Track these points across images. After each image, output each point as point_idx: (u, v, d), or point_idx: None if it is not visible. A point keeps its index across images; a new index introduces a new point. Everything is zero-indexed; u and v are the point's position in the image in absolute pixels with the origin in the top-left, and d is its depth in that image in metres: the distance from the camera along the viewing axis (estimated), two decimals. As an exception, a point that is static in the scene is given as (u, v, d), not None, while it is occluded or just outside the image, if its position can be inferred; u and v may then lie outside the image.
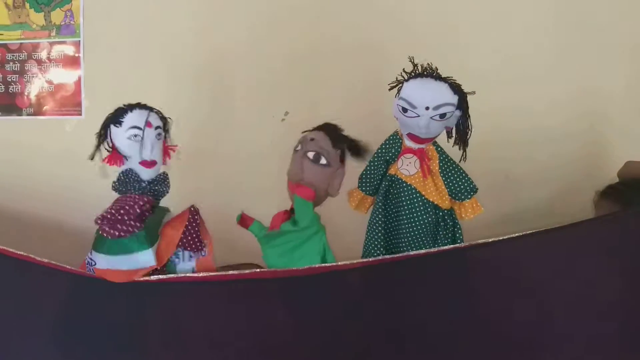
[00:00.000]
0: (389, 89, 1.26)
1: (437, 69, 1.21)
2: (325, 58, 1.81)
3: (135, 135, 1.21)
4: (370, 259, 1.21)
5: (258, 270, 1.18)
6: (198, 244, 1.23)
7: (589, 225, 1.24)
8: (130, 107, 1.24)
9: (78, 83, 1.89)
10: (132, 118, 1.22)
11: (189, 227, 1.22)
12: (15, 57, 1.91)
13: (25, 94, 1.91)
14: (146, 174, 1.23)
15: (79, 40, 1.88)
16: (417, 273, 1.17)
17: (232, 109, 1.84)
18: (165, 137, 1.29)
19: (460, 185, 1.23)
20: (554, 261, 1.17)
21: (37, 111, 1.91)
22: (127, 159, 1.23)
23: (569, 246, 1.18)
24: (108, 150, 1.24)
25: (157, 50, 1.85)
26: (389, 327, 1.13)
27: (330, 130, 1.24)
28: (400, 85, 1.23)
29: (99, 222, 1.14)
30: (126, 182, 1.22)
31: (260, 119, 1.83)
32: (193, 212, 1.24)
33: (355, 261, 1.21)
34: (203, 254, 1.24)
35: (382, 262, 1.18)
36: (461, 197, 1.24)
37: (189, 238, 1.22)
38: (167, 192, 1.28)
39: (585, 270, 1.17)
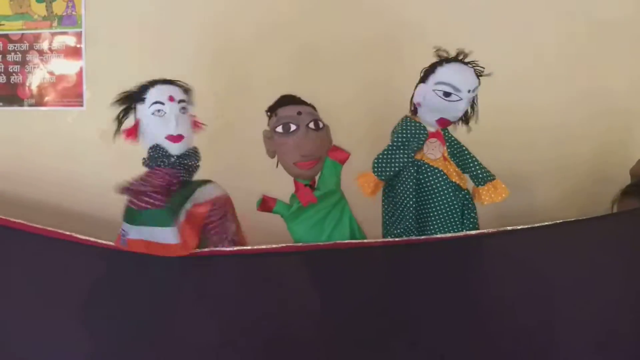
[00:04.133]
0: (422, 73, 1.28)
1: (465, 53, 1.26)
2: (328, 49, 1.81)
3: (159, 111, 1.23)
4: (405, 239, 1.23)
5: (283, 245, 1.19)
6: (221, 234, 1.22)
7: (613, 219, 1.28)
8: (152, 83, 1.26)
9: (80, 74, 1.88)
10: (154, 93, 1.24)
11: (211, 215, 1.21)
12: (17, 48, 1.90)
13: (27, 84, 1.91)
14: (174, 148, 1.23)
15: (81, 31, 1.87)
16: (442, 256, 1.19)
17: (234, 101, 1.84)
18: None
19: (472, 170, 1.28)
20: (577, 253, 1.20)
21: (39, 102, 1.91)
22: (147, 136, 1.24)
23: (593, 239, 1.22)
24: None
25: (159, 41, 1.85)
26: (412, 308, 1.15)
27: (297, 98, 1.27)
28: (431, 71, 1.26)
29: (121, 191, 1.15)
30: (155, 158, 1.23)
31: (262, 112, 1.83)
32: (218, 199, 1.23)
33: (389, 239, 1.24)
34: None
35: (415, 243, 1.21)
36: (477, 182, 1.29)
37: (211, 225, 1.22)
38: (198, 166, 1.28)
39: (605, 264, 1.19)
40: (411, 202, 1.24)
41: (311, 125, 1.21)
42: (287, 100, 1.26)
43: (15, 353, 1.15)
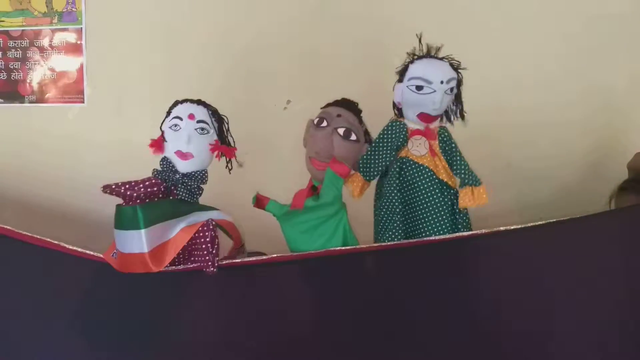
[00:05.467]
0: (397, 72, 1.28)
1: (438, 49, 1.26)
2: (328, 44, 1.81)
3: (175, 125, 1.22)
4: (392, 243, 1.21)
5: (276, 255, 1.17)
6: (207, 260, 1.16)
7: (612, 216, 1.27)
8: (184, 101, 1.26)
9: (80, 70, 1.88)
10: (179, 109, 1.24)
11: (197, 239, 1.18)
12: (17, 45, 1.90)
13: (28, 81, 1.91)
14: (181, 165, 1.22)
15: (81, 28, 1.87)
16: (434, 258, 1.17)
17: (234, 97, 1.83)
18: (221, 137, 1.28)
19: (456, 171, 1.26)
20: (574, 252, 1.17)
21: (40, 99, 1.91)
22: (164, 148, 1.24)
23: (591, 237, 1.20)
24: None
25: (159, 38, 1.85)
26: (406, 313, 1.14)
27: (352, 105, 1.27)
28: (405, 69, 1.26)
29: (104, 189, 1.13)
30: (162, 171, 1.22)
31: (262, 107, 1.83)
32: (205, 225, 1.18)
33: (375, 245, 1.22)
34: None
35: (402, 247, 1.19)
36: (460, 184, 1.26)
37: (195, 252, 1.18)
38: (200, 191, 1.24)
39: (604, 264, 1.17)
40: (395, 199, 1.23)
41: (340, 131, 1.20)
42: (343, 102, 1.27)
43: None
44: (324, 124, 1.22)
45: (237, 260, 1.20)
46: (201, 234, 1.18)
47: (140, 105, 1.83)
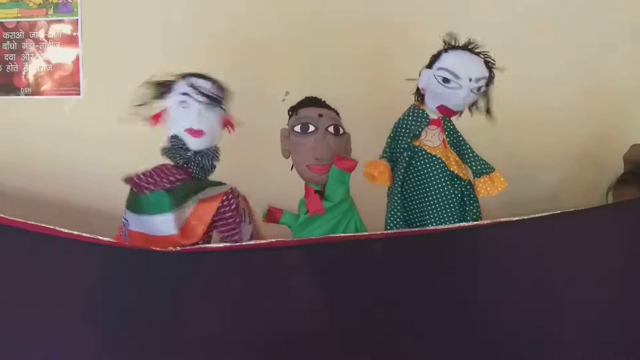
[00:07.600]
0: (430, 61, 1.25)
1: (475, 43, 1.22)
2: (327, 36, 1.79)
3: (183, 102, 1.18)
4: (393, 232, 1.20)
5: (282, 239, 1.16)
6: (230, 229, 1.18)
7: (616, 209, 1.27)
8: (186, 75, 1.22)
9: (76, 62, 1.87)
10: (183, 85, 1.20)
11: (222, 210, 1.17)
12: (12, 36, 1.88)
13: (23, 73, 1.89)
14: (193, 143, 1.19)
15: (77, 19, 1.86)
16: (434, 248, 1.16)
17: (232, 89, 1.82)
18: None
19: (468, 161, 1.25)
20: (578, 244, 1.17)
21: (35, 91, 1.89)
22: (170, 125, 1.20)
23: (595, 229, 1.19)
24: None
25: (156, 29, 1.83)
26: (407, 303, 1.13)
27: (321, 101, 1.24)
28: (437, 56, 1.23)
29: (126, 180, 1.13)
30: (173, 149, 1.19)
31: (260, 100, 1.82)
32: (229, 193, 1.19)
33: (377, 232, 1.20)
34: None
35: (406, 235, 1.18)
36: (474, 174, 1.25)
37: (221, 222, 1.18)
38: (212, 169, 1.23)
39: (607, 257, 1.16)
40: (398, 190, 1.22)
41: (330, 129, 1.18)
42: (311, 101, 1.23)
43: (13, 353, 1.14)
44: (311, 128, 1.18)
45: (237, 244, 1.18)
46: (225, 203, 1.17)
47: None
